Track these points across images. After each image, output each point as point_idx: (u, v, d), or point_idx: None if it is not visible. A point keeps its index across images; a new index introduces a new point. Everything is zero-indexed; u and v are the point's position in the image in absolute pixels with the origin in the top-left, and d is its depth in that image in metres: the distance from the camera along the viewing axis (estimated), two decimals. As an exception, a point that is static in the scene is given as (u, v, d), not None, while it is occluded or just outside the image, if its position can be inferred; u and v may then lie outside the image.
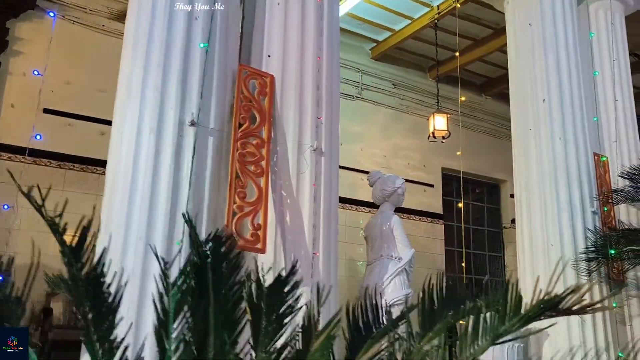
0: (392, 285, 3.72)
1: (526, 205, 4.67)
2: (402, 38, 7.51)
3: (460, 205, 6.68)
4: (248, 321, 1.21)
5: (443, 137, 6.60)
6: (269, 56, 3.32)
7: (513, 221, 5.90)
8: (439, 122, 6.42)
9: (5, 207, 5.10)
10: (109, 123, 3.01)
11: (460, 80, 8.79)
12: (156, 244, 2.64)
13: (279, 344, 1.17)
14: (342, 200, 7.43)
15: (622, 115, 5.03)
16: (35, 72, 5.54)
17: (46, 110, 5.70)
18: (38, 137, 5.44)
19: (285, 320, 1.21)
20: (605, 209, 4.43)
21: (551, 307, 1.06)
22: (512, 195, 6.51)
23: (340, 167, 7.49)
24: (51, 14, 5.75)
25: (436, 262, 8.01)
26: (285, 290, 1.27)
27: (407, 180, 8.12)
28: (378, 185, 4.05)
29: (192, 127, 2.84)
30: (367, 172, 7.74)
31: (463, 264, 6.27)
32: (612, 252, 4.06)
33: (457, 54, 6.43)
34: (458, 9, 6.91)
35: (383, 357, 1.25)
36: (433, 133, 6.45)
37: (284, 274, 1.42)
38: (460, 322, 1.36)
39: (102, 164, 3.22)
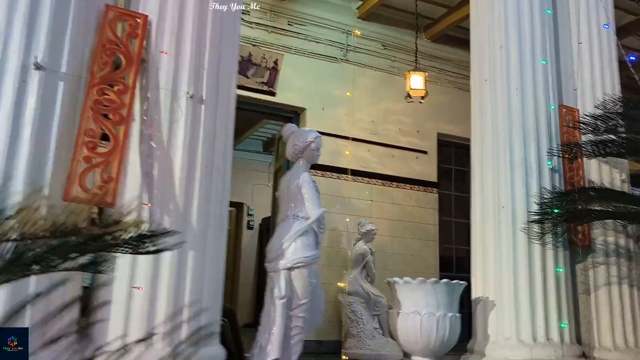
0: (293, 246, 3.37)
1: (479, 164, 4.25)
2: (387, -7, 7.04)
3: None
4: None
5: (422, 98, 6.16)
6: (147, -4, 3.04)
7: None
8: (416, 81, 5.98)
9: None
10: None
11: (458, 39, 8.25)
12: (-9, 196, 2.45)
13: None
14: (324, 168, 7.17)
15: (597, 60, 4.46)
16: None
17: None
18: None
19: None
20: (549, 164, 3.93)
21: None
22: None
23: (322, 133, 7.22)
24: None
25: (430, 233, 7.61)
26: None
27: (398, 147, 7.78)
28: (291, 140, 3.70)
29: (37, 71, 2.62)
30: (352, 139, 7.46)
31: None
32: (556, 211, 3.61)
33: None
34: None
35: None
36: (409, 93, 6.01)
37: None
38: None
39: None
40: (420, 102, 6.26)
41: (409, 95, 6.02)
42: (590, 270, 4.16)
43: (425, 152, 7.76)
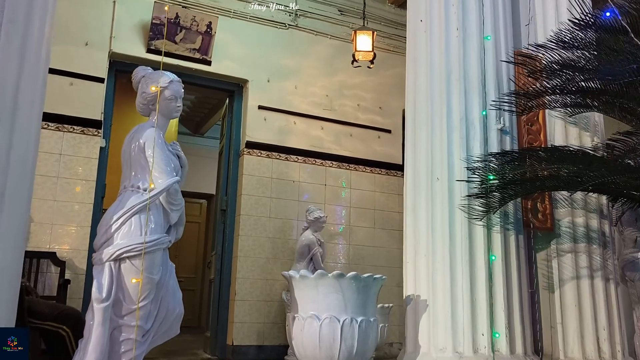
0: (125, 228, 2.45)
1: (412, 127, 3.35)
2: (339, -52, 6.14)
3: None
4: None
5: (371, 62, 5.25)
6: None
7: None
8: (363, 42, 5.07)
9: None
10: None
11: None
12: None
13: None
14: (270, 147, 6.27)
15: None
16: None
17: None
18: None
19: None
20: (494, 124, 3.01)
21: None
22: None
23: (268, 108, 6.32)
24: None
25: (393, 221, 6.69)
26: None
27: (357, 125, 6.87)
28: (140, 87, 2.74)
29: None
30: (301, 115, 6.56)
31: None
32: (491, 177, 2.71)
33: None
34: None
35: None
36: (354, 55, 5.10)
37: None
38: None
39: None
40: (369, 67, 5.34)
41: (354, 59, 5.10)
42: (553, 260, 3.25)
43: (388, 131, 6.84)
